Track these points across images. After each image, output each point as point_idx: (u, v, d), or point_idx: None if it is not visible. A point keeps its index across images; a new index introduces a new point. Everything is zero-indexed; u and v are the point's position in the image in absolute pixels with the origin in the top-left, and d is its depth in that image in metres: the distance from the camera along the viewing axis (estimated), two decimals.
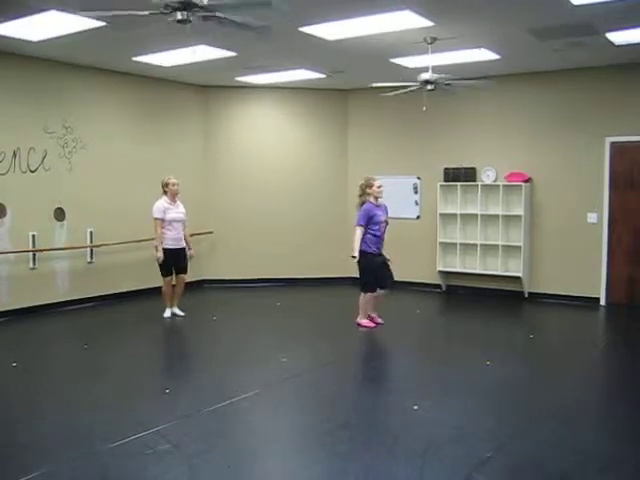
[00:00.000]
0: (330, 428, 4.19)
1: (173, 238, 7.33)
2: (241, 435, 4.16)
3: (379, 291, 6.93)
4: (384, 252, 6.97)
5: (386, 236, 6.96)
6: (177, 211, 7.37)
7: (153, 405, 4.61)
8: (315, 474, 3.60)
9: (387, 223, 6.94)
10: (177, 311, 7.56)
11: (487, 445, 3.84)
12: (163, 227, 7.26)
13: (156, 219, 7.24)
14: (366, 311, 6.98)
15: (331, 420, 4.34)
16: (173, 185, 7.34)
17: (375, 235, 6.77)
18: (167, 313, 7.49)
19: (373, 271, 6.82)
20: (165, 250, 7.26)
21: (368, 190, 6.82)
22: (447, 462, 3.65)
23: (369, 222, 6.74)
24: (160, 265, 7.32)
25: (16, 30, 6.19)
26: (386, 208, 6.99)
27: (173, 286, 7.51)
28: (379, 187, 6.82)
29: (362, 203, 6.85)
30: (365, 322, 6.97)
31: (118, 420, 4.29)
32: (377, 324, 7.02)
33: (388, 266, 6.94)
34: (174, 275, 7.45)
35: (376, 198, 6.83)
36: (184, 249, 7.47)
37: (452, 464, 3.62)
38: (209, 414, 4.40)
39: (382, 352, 6.25)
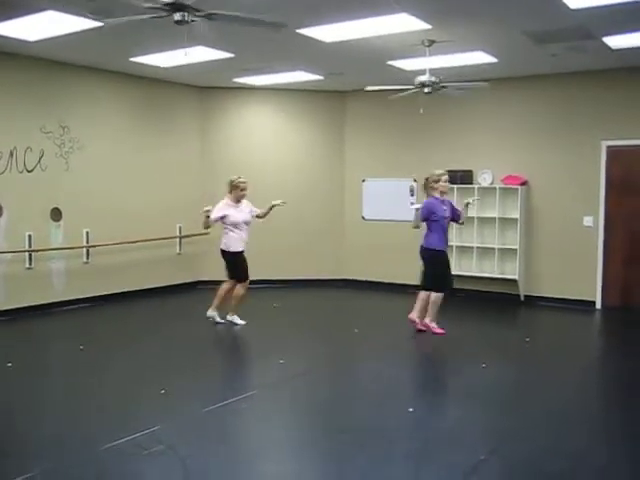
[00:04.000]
0: (326, 430, 4.19)
1: (240, 240, 6.94)
2: (237, 437, 4.16)
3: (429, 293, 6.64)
4: None
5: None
6: (241, 214, 6.92)
7: (148, 406, 4.60)
8: (310, 476, 3.61)
9: (450, 219, 6.70)
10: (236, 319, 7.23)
11: (482, 448, 3.85)
12: (227, 228, 6.88)
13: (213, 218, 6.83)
14: (436, 313, 6.67)
15: (327, 422, 4.35)
16: (242, 190, 6.85)
17: (438, 231, 6.55)
18: (217, 317, 7.18)
19: (442, 269, 6.62)
20: (236, 253, 6.92)
21: (434, 185, 6.62)
22: (442, 465, 3.66)
23: (430, 217, 6.55)
24: (235, 269, 6.98)
25: (13, 30, 6.19)
26: (451, 203, 6.80)
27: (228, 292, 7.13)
28: (446, 182, 6.66)
29: (427, 196, 6.69)
30: (438, 329, 6.66)
31: (113, 421, 4.29)
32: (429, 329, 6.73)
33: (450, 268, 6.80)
34: (229, 280, 7.09)
35: (442, 193, 6.64)
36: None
37: (447, 467, 3.62)
38: (205, 415, 4.39)
39: (378, 354, 6.25)
